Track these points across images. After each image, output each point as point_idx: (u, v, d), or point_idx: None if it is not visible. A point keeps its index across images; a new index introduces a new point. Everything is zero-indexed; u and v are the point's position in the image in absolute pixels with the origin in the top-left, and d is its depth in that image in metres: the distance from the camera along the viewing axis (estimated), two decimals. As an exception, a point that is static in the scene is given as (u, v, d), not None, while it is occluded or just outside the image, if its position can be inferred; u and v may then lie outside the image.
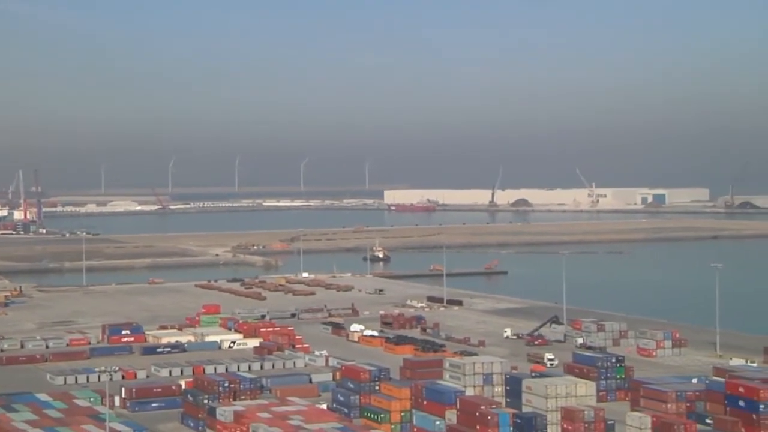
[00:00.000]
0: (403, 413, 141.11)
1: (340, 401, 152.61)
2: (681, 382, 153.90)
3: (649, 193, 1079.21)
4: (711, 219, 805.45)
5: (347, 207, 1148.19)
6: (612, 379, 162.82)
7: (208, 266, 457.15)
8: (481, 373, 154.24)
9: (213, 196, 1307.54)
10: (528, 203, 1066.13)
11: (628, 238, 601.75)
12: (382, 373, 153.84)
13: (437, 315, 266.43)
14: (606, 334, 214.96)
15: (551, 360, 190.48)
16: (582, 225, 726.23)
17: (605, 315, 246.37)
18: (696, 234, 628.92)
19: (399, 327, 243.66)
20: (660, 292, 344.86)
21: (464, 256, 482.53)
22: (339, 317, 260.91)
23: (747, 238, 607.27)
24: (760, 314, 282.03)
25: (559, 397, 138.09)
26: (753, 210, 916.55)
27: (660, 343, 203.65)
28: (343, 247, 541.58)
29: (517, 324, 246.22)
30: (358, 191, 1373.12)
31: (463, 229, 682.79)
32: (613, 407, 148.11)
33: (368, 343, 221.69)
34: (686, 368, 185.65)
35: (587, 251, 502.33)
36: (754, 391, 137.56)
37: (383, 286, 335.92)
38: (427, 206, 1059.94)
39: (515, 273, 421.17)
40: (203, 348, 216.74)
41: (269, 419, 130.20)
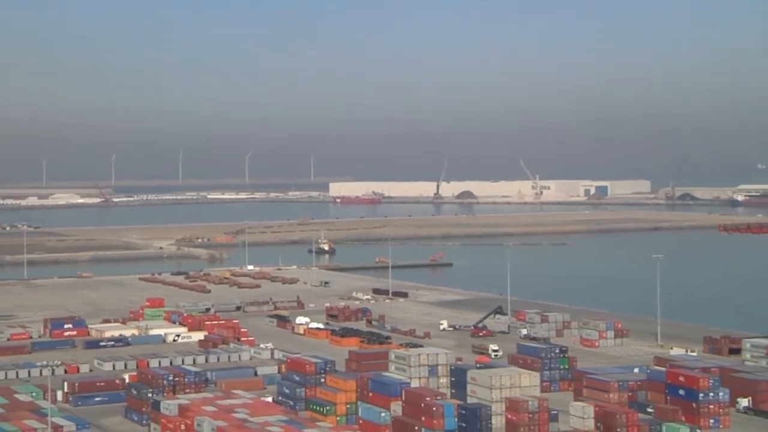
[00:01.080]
0: (348, 405, 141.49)
1: (286, 394, 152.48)
2: (623, 372, 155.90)
3: (592, 185, 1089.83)
4: (652, 211, 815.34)
5: (292, 199, 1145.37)
6: (555, 370, 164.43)
7: (151, 259, 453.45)
8: (426, 364, 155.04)
9: (157, 188, 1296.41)
10: (473, 195, 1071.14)
11: (572, 229, 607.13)
12: (328, 366, 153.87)
13: (383, 307, 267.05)
14: (549, 325, 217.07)
15: (495, 351, 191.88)
16: (526, 217, 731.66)
17: (549, 306, 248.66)
18: (637, 225, 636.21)
19: (344, 319, 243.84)
20: (602, 283, 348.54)
21: (409, 248, 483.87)
22: (284, 310, 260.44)
23: (687, 229, 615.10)
24: (700, 305, 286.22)
25: (503, 387, 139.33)
26: (693, 202, 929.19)
27: (602, 334, 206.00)
28: (288, 240, 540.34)
29: (462, 315, 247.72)
30: (304, 184, 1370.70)
31: (409, 221, 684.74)
32: (556, 397, 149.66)
33: (314, 335, 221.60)
34: (628, 358, 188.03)
35: (531, 243, 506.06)
36: (694, 380, 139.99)
37: (329, 278, 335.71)
38: (372, 198, 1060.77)
39: (460, 265, 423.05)
40: (147, 341, 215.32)
41: (214, 412, 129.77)
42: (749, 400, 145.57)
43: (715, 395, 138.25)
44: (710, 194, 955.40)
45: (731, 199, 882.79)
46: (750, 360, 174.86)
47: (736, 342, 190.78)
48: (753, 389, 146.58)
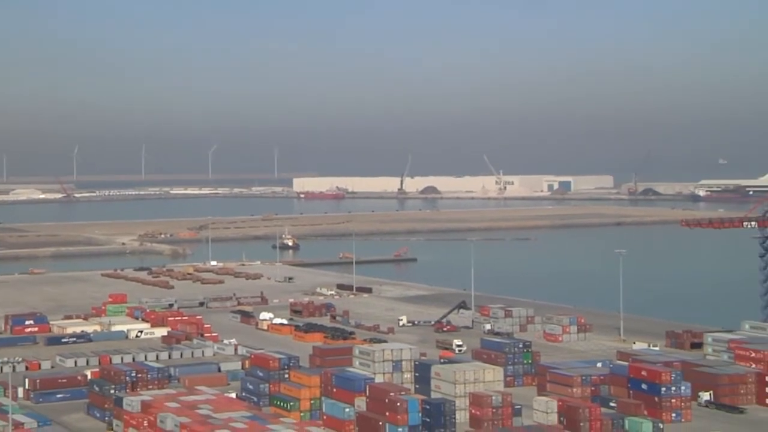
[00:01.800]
0: (312, 401, 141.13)
1: (250, 390, 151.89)
2: (586, 366, 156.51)
3: (555, 181, 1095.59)
4: (615, 206, 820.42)
5: (256, 195, 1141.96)
6: (519, 365, 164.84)
7: (114, 255, 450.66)
8: (390, 360, 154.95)
9: (119, 184, 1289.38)
10: (437, 190, 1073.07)
11: (535, 224, 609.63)
12: (292, 361, 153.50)
13: (347, 302, 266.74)
14: (513, 320, 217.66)
15: (459, 346, 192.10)
16: (490, 212, 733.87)
17: (513, 301, 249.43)
18: (600, 220, 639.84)
19: (308, 315, 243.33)
20: (566, 278, 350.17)
21: (373, 243, 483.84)
22: (248, 305, 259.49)
23: (649, 224, 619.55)
24: (663, 299, 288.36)
25: (467, 382, 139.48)
26: (655, 197, 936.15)
27: (566, 329, 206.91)
28: (252, 235, 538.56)
29: (426, 310, 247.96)
30: (267, 179, 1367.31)
31: (373, 216, 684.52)
32: (520, 392, 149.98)
33: (277, 331, 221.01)
34: (591, 353, 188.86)
35: (495, 238, 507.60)
36: (656, 375, 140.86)
37: (293, 274, 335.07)
38: (336, 194, 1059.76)
39: (424, 260, 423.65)
40: (109, 338, 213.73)
41: (177, 409, 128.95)
42: (710, 393, 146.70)
43: (677, 389, 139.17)
44: (672, 189, 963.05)
45: (693, 195, 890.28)
46: (711, 354, 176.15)
47: (697, 336, 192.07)
48: (714, 383, 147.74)
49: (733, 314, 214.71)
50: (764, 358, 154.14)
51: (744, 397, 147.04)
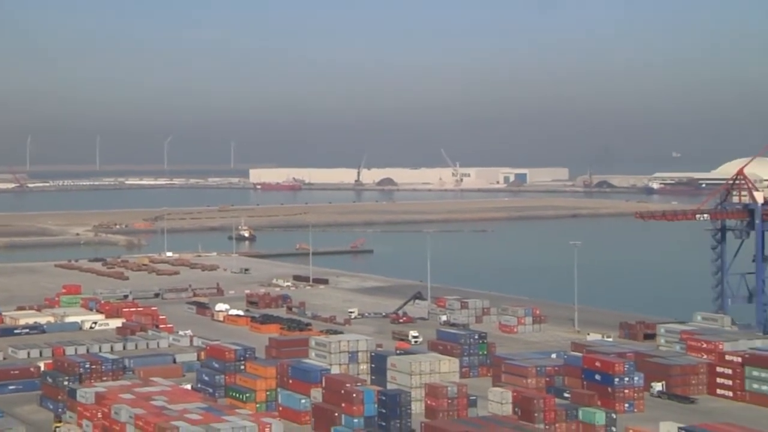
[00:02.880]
0: (268, 392, 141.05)
1: (205, 381, 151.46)
2: (541, 357, 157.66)
3: (511, 173, 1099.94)
4: (570, 198, 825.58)
5: (212, 186, 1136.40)
6: (475, 356, 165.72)
7: (68, 246, 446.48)
8: (346, 351, 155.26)
9: (73, 174, 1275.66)
10: (393, 182, 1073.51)
11: (491, 216, 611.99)
12: (248, 353, 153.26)
13: (303, 294, 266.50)
14: (469, 311, 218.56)
15: (415, 337, 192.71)
16: (446, 204, 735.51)
17: (469, 293, 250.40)
18: (556, 212, 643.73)
19: (265, 306, 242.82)
20: (521, 269, 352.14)
21: (330, 234, 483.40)
22: (204, 297, 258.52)
23: (604, 216, 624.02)
24: (616, 291, 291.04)
25: (423, 373, 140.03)
26: (609, 189, 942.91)
27: (521, 320, 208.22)
28: (208, 226, 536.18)
29: (383, 302, 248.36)
30: (224, 170, 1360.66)
31: (329, 208, 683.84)
32: (475, 383, 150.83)
33: (233, 322, 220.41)
34: (546, 344, 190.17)
35: (452, 230, 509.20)
36: (609, 366, 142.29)
37: (249, 265, 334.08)
38: (293, 185, 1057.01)
39: (381, 251, 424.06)
40: (63, 329, 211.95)
41: (132, 400, 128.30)
42: (663, 384, 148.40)
43: (630, 380, 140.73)
44: (627, 182, 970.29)
45: (647, 187, 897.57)
46: (664, 345, 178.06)
47: (650, 327, 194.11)
48: (667, 373, 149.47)
49: (686, 306, 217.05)
50: (715, 349, 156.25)
51: (695, 388, 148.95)
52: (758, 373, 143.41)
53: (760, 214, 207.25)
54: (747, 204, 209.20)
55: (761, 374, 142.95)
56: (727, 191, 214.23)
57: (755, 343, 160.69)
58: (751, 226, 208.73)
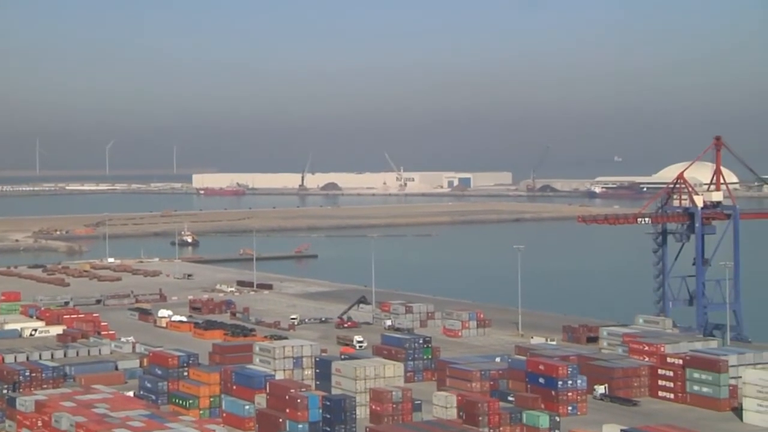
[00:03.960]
0: (212, 398, 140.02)
1: (148, 388, 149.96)
2: (485, 361, 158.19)
3: (455, 177, 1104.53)
4: (513, 202, 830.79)
5: (155, 191, 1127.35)
6: (419, 360, 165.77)
7: (7, 252, 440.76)
8: (291, 356, 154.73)
9: (12, 179, 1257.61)
10: (338, 187, 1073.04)
11: (436, 221, 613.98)
12: (191, 359, 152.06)
13: (247, 299, 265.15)
14: (414, 315, 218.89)
15: (360, 342, 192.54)
16: (391, 208, 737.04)
17: (413, 297, 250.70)
18: (499, 217, 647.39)
19: (208, 312, 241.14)
20: (465, 273, 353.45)
21: (274, 239, 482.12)
22: (146, 303, 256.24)
23: (547, 220, 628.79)
24: (560, 294, 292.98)
25: (367, 378, 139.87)
26: (552, 193, 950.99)
27: (465, 324, 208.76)
28: (150, 232, 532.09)
29: (327, 307, 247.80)
30: (166, 175, 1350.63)
31: (274, 212, 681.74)
32: (420, 387, 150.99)
33: (177, 328, 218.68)
34: (490, 348, 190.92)
35: (396, 234, 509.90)
36: (553, 369, 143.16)
37: (192, 270, 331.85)
38: (236, 190, 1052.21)
39: (325, 256, 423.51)
40: (2, 336, 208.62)
41: (73, 408, 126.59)
42: (605, 387, 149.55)
43: (573, 383, 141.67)
44: (569, 186, 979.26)
45: (589, 191, 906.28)
46: (606, 348, 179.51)
47: (593, 330, 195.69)
48: (609, 376, 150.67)
49: (628, 309, 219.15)
50: (657, 351, 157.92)
51: (637, 390, 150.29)
52: (699, 375, 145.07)
53: (700, 217, 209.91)
54: (687, 208, 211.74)
55: (702, 376, 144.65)
56: (668, 195, 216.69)
57: (696, 346, 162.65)
58: (691, 230, 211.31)
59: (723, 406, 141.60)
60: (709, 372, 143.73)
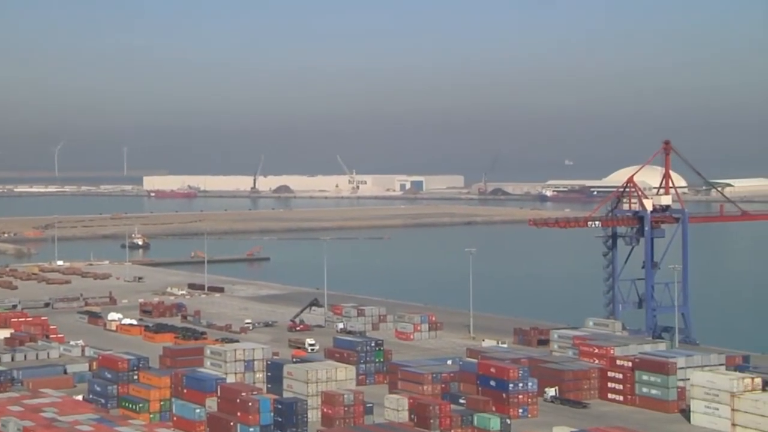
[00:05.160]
0: (162, 402, 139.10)
1: (97, 392, 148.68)
2: (436, 364, 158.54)
3: (408, 180, 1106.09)
4: (465, 205, 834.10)
5: (105, 193, 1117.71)
6: (371, 363, 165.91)
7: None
8: (242, 359, 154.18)
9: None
10: (290, 189, 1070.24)
11: (388, 223, 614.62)
12: (141, 362, 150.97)
13: (198, 302, 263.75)
14: (366, 318, 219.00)
15: (312, 345, 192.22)
16: (343, 211, 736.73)
17: (365, 300, 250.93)
18: (451, 220, 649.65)
19: (159, 315, 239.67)
20: (418, 276, 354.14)
21: (226, 242, 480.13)
22: (96, 306, 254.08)
23: (499, 223, 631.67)
24: (511, 297, 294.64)
25: (319, 381, 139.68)
26: (504, 196, 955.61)
27: (417, 327, 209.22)
28: (100, 234, 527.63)
29: (279, 310, 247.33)
30: (116, 177, 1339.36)
31: (225, 215, 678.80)
32: (372, 390, 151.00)
33: (127, 331, 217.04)
34: (442, 350, 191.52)
35: (348, 237, 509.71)
36: (504, 371, 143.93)
37: (142, 273, 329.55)
38: (187, 192, 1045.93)
39: (277, 259, 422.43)
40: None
41: (20, 412, 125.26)
42: (556, 389, 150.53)
43: (524, 385, 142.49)
44: (521, 189, 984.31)
45: (540, 195, 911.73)
46: (557, 350, 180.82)
47: (544, 333, 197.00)
48: (559, 379, 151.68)
49: (578, 311, 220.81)
50: (607, 353, 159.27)
51: (587, 392, 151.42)
52: (648, 377, 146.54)
53: (650, 221, 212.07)
54: (637, 211, 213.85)
55: (650, 378, 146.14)
56: (618, 199, 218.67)
57: (645, 348, 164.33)
58: (640, 233, 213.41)
59: (671, 408, 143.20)
60: (658, 374, 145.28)
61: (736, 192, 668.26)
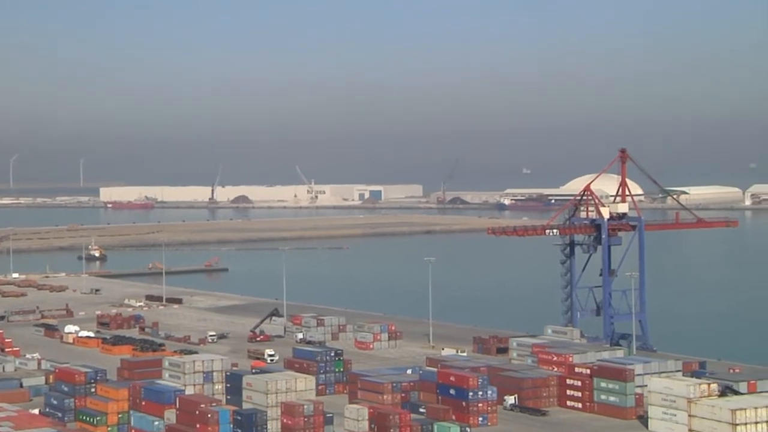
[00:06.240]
0: (120, 415, 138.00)
1: (54, 405, 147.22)
2: (396, 373, 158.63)
3: (366, 190, 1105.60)
4: (424, 214, 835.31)
5: (61, 205, 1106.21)
6: (331, 373, 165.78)
7: None
8: (201, 371, 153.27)
9: None
10: (248, 200, 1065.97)
11: (347, 233, 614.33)
12: (99, 375, 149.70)
13: (156, 314, 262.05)
14: (325, 328, 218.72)
15: (271, 356, 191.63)
16: (302, 221, 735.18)
17: (325, 310, 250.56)
18: (410, 229, 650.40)
19: (116, 327, 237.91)
20: (377, 286, 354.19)
21: (184, 253, 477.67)
22: (52, 318, 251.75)
23: (458, 232, 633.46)
24: (470, 305, 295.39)
25: (279, 392, 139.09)
26: (463, 205, 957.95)
27: (377, 336, 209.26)
28: (56, 246, 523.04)
29: (238, 320, 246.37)
30: (73, 189, 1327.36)
31: (183, 226, 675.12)
32: (332, 400, 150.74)
33: (84, 344, 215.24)
34: (401, 360, 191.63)
35: (307, 247, 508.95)
36: (463, 380, 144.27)
37: (99, 285, 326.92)
38: (145, 204, 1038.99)
39: (236, 270, 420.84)
40: None
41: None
42: (515, 397, 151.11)
43: (484, 394, 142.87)
44: (479, 198, 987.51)
45: (499, 203, 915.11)
46: (516, 359, 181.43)
47: (503, 341, 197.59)
48: (519, 387, 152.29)
49: (537, 319, 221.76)
50: (565, 361, 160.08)
51: (546, 400, 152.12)
52: (606, 385, 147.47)
53: (606, 228, 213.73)
54: (594, 219, 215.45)
55: (609, 385, 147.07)
56: (575, 207, 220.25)
57: (603, 355, 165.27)
58: (598, 241, 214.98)
59: (629, 414, 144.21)
60: (616, 381, 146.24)
61: (691, 199, 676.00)
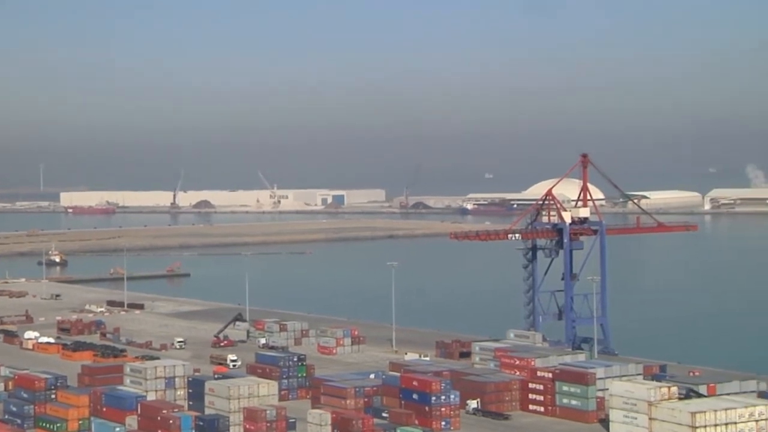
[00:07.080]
0: (81, 421, 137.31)
1: (13, 412, 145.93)
2: (359, 378, 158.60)
3: (329, 194, 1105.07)
4: (387, 219, 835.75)
5: (20, 210, 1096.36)
6: (294, 378, 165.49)
7: None
8: (163, 377, 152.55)
9: None
10: (210, 204, 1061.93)
11: (310, 238, 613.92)
12: (59, 381, 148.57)
13: (118, 319, 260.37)
14: (288, 333, 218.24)
15: (234, 361, 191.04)
16: (264, 226, 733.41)
17: (287, 315, 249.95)
18: (373, 233, 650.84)
19: (77, 333, 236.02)
20: (340, 290, 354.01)
21: (146, 258, 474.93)
22: (12, 324, 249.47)
23: (420, 237, 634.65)
24: (433, 310, 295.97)
25: (241, 397, 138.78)
26: (425, 210, 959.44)
27: (340, 341, 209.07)
28: (16, 252, 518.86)
29: (200, 326, 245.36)
30: (32, 193, 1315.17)
31: (145, 231, 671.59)
32: (295, 405, 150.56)
33: (44, 350, 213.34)
34: (364, 364, 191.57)
35: (270, 252, 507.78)
36: (426, 384, 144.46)
37: (60, 291, 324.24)
38: (106, 208, 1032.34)
39: (198, 275, 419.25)
40: None
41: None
42: (478, 401, 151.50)
43: (447, 398, 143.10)
44: (442, 203, 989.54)
45: (461, 208, 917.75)
46: (479, 363, 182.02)
47: (466, 346, 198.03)
48: (481, 391, 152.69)
49: (499, 323, 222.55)
50: (528, 365, 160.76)
51: (509, 404, 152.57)
52: (568, 388, 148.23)
53: (568, 233, 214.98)
54: (556, 224, 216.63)
55: (570, 389, 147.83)
56: (537, 211, 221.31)
57: (565, 359, 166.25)
58: (559, 245, 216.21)
59: (590, 418, 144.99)
60: (578, 385, 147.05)
61: (651, 204, 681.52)
